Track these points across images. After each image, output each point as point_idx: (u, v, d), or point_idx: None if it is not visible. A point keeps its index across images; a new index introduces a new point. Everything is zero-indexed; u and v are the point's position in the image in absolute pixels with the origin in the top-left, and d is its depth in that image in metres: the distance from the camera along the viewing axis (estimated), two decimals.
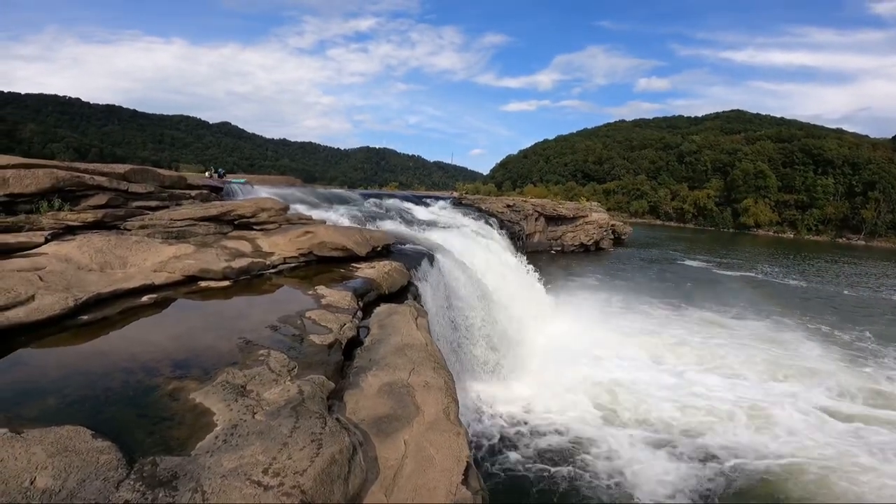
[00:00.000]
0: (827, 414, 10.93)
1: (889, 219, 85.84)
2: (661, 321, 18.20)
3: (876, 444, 9.66)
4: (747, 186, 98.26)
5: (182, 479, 2.51)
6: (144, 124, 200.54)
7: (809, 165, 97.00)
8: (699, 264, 38.71)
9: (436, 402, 4.10)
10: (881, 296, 29.60)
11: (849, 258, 54.47)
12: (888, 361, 15.38)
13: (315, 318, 5.27)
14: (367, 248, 8.84)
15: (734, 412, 10.63)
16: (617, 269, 30.98)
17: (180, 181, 11.24)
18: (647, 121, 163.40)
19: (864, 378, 13.53)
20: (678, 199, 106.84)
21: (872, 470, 8.72)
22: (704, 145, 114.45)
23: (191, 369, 3.92)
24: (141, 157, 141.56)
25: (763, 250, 57.55)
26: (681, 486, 7.94)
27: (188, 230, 8.57)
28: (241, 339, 4.51)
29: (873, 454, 9.25)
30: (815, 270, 40.88)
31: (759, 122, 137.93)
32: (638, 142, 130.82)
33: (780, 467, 8.70)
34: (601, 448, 8.98)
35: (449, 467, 3.28)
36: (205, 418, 3.18)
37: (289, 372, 3.92)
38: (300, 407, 3.33)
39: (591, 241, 39.98)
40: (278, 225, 9.75)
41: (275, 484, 2.55)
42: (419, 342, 5.32)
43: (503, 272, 15.66)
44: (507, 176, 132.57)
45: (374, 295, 6.99)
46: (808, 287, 30.90)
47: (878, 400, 12.04)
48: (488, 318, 11.19)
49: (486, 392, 10.53)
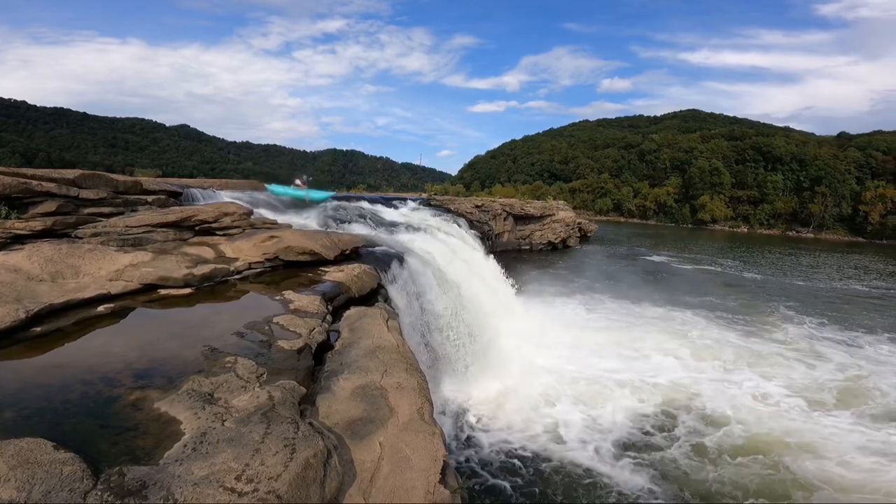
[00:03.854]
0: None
1: (835, 212, 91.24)
2: (628, 315, 18.81)
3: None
4: (703, 183, 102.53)
5: (152, 489, 2.45)
6: (95, 128, 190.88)
7: (760, 162, 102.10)
8: (662, 259, 40.17)
9: (409, 403, 4.12)
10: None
11: (800, 250, 57.63)
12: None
13: (283, 324, 5.19)
14: (336, 251, 8.75)
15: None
16: (584, 265, 31.71)
17: (135, 186, 10.77)
18: (609, 120, 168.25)
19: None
20: (640, 196, 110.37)
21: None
22: (663, 144, 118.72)
23: (154, 379, 3.80)
24: (92, 161, 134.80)
25: (720, 245, 60.19)
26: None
27: (145, 237, 8.22)
28: (207, 347, 4.40)
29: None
30: (768, 262, 43.12)
31: (713, 121, 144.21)
32: (601, 141, 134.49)
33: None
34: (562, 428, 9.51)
35: (426, 467, 3.31)
36: (171, 427, 3.10)
37: (258, 378, 3.85)
38: (271, 413, 3.29)
39: (559, 239, 40.79)
40: (242, 230, 9.49)
41: (249, 490, 2.52)
42: (391, 344, 5.32)
43: (472, 272, 15.78)
44: (476, 176, 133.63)
45: (344, 298, 6.93)
46: (763, 279, 32.58)
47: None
48: (459, 317, 11.26)
49: (460, 391, 10.61)
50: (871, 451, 9.30)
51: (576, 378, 12.06)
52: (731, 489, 7.96)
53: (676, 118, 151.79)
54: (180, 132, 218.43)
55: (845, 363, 14.41)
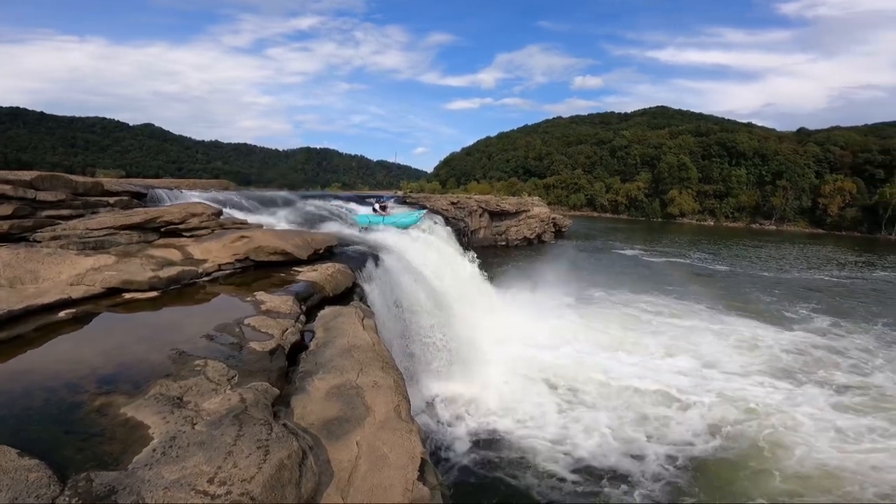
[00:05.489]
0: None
1: (796, 205, 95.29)
2: (604, 309, 19.25)
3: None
4: (672, 178, 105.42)
5: (121, 493, 2.40)
6: (54, 127, 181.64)
7: (725, 157, 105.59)
8: (635, 252, 41.19)
9: (386, 402, 4.12)
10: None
11: (765, 242, 60.04)
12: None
13: (255, 325, 5.10)
14: (309, 250, 8.64)
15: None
16: (558, 260, 32.24)
17: (96, 187, 10.37)
18: (582, 117, 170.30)
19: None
20: (612, 191, 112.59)
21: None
22: (634, 140, 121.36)
23: (119, 384, 3.70)
24: (51, 162, 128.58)
25: (689, 238, 62.12)
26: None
27: (108, 239, 7.95)
28: (174, 351, 4.29)
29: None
30: (732, 254, 44.75)
31: (680, 117, 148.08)
32: (574, 137, 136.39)
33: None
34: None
35: (403, 465, 3.32)
36: (139, 432, 3.04)
37: (228, 381, 3.79)
38: (243, 415, 3.25)
39: (534, 234, 41.30)
40: (211, 230, 9.26)
41: (222, 492, 2.49)
42: (366, 343, 5.31)
43: (449, 268, 15.85)
44: (452, 173, 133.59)
45: (318, 298, 6.86)
46: (730, 271, 33.81)
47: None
48: (435, 314, 11.30)
49: (438, 388, 10.66)
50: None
51: (558, 367, 12.45)
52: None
53: (646, 115, 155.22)
54: (145, 131, 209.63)
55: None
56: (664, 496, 7.80)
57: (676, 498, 7.79)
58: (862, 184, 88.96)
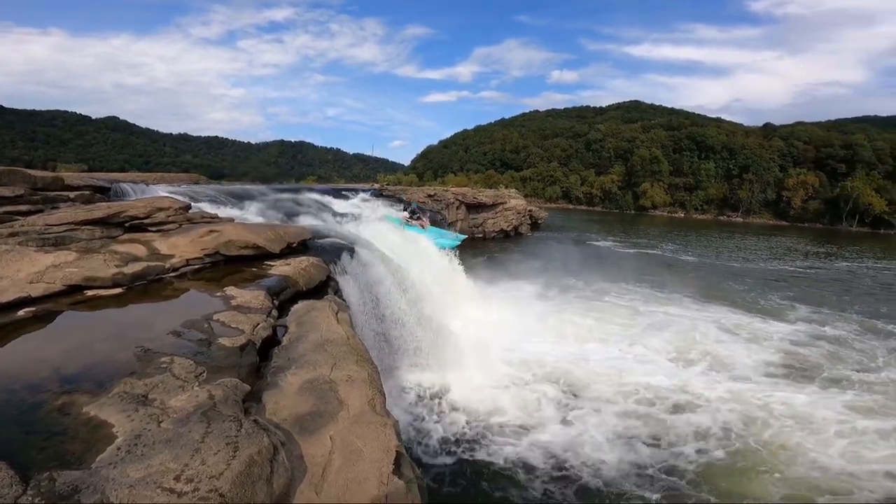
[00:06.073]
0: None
1: (761, 198, 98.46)
2: (581, 300, 19.64)
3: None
4: (644, 171, 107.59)
5: (85, 492, 2.36)
6: (13, 121, 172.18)
7: (695, 151, 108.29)
8: (608, 244, 42.04)
9: (360, 395, 4.11)
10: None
11: (732, 234, 62.12)
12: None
13: (225, 321, 5.01)
14: (282, 244, 8.51)
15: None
16: (535, 251, 32.64)
17: (56, 182, 9.97)
18: (558, 111, 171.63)
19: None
20: (587, 184, 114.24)
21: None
22: (608, 134, 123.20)
23: (82, 383, 3.60)
24: (10, 157, 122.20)
25: (660, 229, 63.72)
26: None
27: (69, 235, 7.65)
28: (140, 348, 4.19)
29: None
30: (702, 245, 46.17)
31: (653, 112, 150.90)
32: (551, 131, 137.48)
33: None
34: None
35: (378, 458, 3.32)
36: (102, 430, 2.98)
37: (196, 377, 3.72)
38: (211, 412, 3.20)
39: (511, 226, 41.64)
40: (178, 225, 9.01)
41: (189, 490, 2.46)
42: (340, 336, 5.28)
43: (426, 260, 15.86)
44: (429, 166, 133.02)
45: (291, 292, 6.78)
46: (699, 262, 34.87)
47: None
48: (413, 305, 11.31)
49: (414, 379, 10.71)
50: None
51: (537, 360, 12.60)
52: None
53: (620, 109, 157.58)
54: (108, 124, 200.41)
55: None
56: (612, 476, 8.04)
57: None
58: (824, 177, 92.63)
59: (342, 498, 3.01)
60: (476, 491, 7.61)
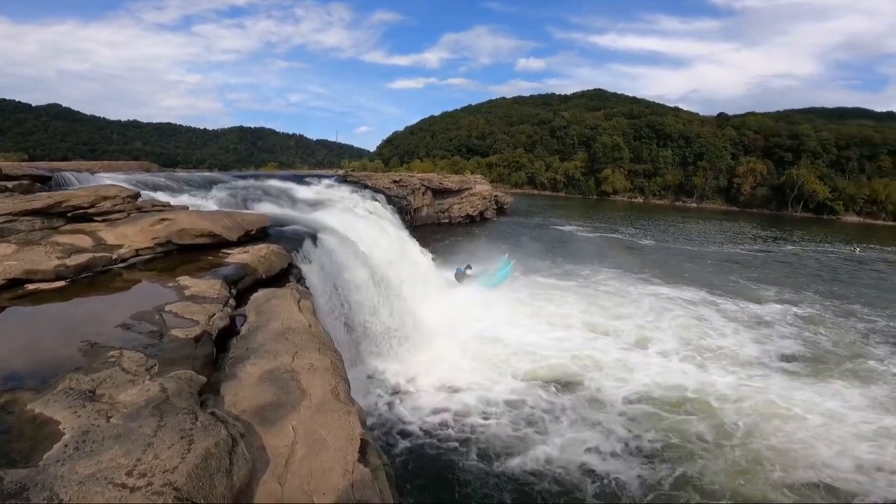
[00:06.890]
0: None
1: (714, 185, 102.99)
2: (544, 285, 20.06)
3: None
4: (606, 158, 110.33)
5: (33, 490, 2.27)
6: None
7: (654, 139, 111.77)
8: (572, 228, 43.02)
9: (323, 384, 4.07)
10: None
11: (687, 219, 64.82)
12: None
13: (177, 312, 4.84)
14: (240, 232, 8.25)
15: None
16: (501, 236, 33.02)
17: None
18: (524, 98, 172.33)
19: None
20: (551, 170, 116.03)
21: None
22: (572, 121, 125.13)
23: (24, 381, 3.43)
24: None
25: (621, 214, 65.77)
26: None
27: (6, 227, 7.15)
28: (86, 343, 4.00)
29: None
30: (660, 230, 47.99)
31: (615, 100, 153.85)
32: (517, 118, 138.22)
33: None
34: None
35: (342, 447, 3.30)
36: (49, 428, 2.86)
37: (147, 371, 3.59)
38: (164, 405, 3.11)
39: (477, 211, 41.91)
40: (126, 214, 8.56)
41: (142, 484, 2.39)
42: (302, 325, 5.20)
43: (390, 246, 15.77)
44: (395, 152, 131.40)
45: (250, 281, 6.60)
46: (657, 245, 36.24)
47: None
48: (377, 292, 11.26)
49: (380, 366, 10.72)
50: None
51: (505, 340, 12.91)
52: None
53: (584, 97, 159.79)
54: (50, 112, 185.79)
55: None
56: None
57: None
58: (772, 165, 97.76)
59: (306, 488, 2.98)
60: (442, 466, 7.78)
